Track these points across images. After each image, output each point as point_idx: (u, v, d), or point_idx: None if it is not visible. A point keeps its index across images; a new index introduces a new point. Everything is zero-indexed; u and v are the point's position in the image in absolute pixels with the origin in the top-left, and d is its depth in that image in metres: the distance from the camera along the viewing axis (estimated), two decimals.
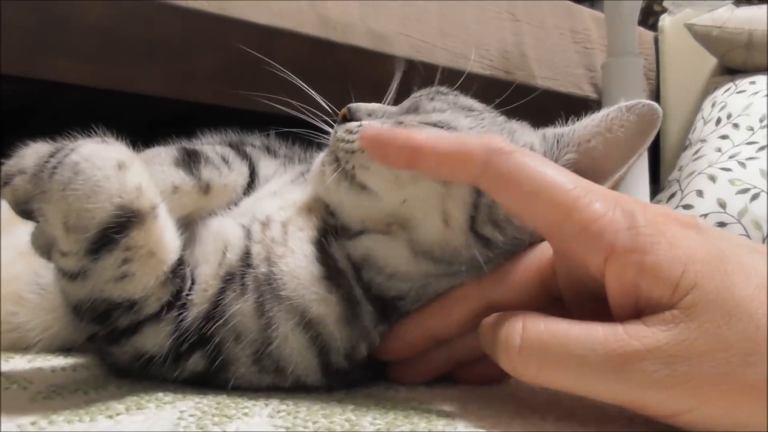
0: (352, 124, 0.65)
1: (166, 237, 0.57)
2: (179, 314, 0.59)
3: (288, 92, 0.71)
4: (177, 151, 0.66)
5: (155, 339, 0.58)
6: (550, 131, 0.66)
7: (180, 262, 0.59)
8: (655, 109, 0.60)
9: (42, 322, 0.74)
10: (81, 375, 0.63)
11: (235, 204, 0.69)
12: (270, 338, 0.58)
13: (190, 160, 0.66)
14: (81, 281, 0.55)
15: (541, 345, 0.47)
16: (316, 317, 0.59)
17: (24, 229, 0.64)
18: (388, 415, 0.51)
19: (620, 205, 0.47)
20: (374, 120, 0.66)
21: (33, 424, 0.47)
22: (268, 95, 0.75)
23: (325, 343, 0.59)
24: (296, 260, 0.61)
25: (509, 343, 0.49)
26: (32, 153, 0.56)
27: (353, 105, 0.67)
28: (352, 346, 0.60)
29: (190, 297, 0.59)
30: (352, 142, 0.62)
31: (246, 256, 0.62)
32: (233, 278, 0.60)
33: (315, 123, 0.70)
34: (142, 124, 1.35)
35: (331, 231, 0.64)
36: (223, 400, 0.55)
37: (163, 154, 0.65)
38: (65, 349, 0.74)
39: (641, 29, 2.23)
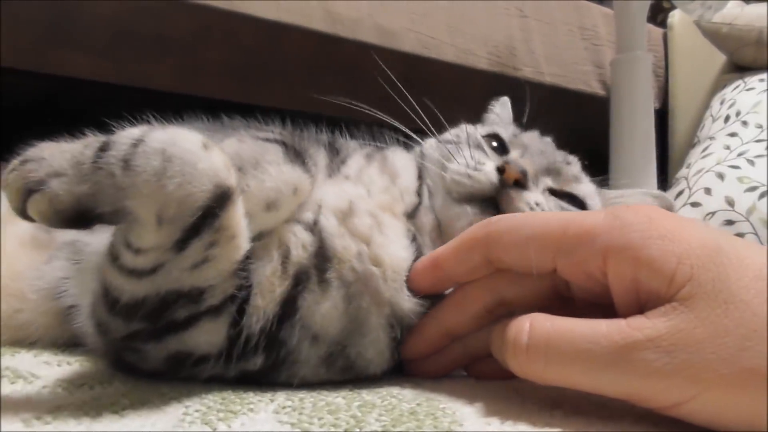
0: (531, 198, 0.68)
1: (243, 221, 0.54)
2: (239, 311, 0.56)
3: (300, 86, 0.71)
4: (281, 147, 0.61)
5: (209, 336, 0.55)
6: None
7: (247, 255, 0.55)
8: (671, 203, 0.67)
9: (45, 323, 0.74)
10: (87, 369, 0.63)
11: None
12: (353, 341, 0.59)
13: (296, 156, 0.62)
14: (150, 276, 0.52)
15: (548, 341, 0.49)
16: (407, 312, 0.60)
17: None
18: (393, 412, 0.51)
19: (611, 212, 0.50)
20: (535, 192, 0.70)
21: (38, 418, 0.47)
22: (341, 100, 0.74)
23: (398, 338, 0.60)
24: (395, 249, 0.62)
25: (517, 342, 0.50)
26: (58, 153, 0.49)
27: (526, 171, 0.68)
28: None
29: (254, 294, 0.56)
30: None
31: (319, 253, 0.60)
32: (308, 276, 0.58)
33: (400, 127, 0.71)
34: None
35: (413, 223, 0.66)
36: (228, 395, 0.55)
37: (272, 150, 0.60)
38: (71, 344, 0.74)
39: (650, 26, 2.22)
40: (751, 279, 0.44)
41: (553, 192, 0.74)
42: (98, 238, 0.65)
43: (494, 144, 0.77)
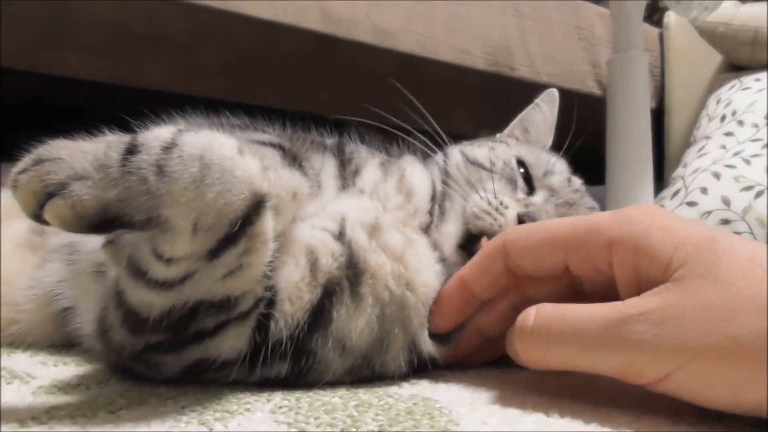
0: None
1: (272, 225, 0.52)
2: (266, 318, 0.55)
3: (296, 86, 0.71)
4: (278, 150, 0.61)
5: (234, 341, 0.54)
6: None
7: (270, 259, 0.53)
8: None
9: (41, 331, 0.73)
10: (83, 369, 0.63)
11: None
12: (377, 355, 0.60)
13: (293, 161, 0.61)
14: (179, 287, 0.49)
15: (550, 323, 0.52)
16: (424, 351, 0.63)
17: (22, 222, 0.63)
18: (390, 411, 0.51)
19: (617, 211, 0.54)
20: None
21: (34, 419, 0.47)
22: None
23: (413, 361, 0.62)
24: (428, 277, 0.63)
25: (523, 326, 0.54)
26: (79, 153, 0.45)
27: None
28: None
29: (281, 299, 0.56)
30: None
31: (351, 264, 0.59)
32: (341, 287, 0.58)
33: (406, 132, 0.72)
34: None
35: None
36: (225, 395, 0.55)
37: (269, 155, 0.58)
38: (67, 345, 0.74)
39: (646, 26, 2.22)
40: (741, 261, 0.47)
41: None
42: (94, 238, 0.65)
43: (523, 171, 0.77)
